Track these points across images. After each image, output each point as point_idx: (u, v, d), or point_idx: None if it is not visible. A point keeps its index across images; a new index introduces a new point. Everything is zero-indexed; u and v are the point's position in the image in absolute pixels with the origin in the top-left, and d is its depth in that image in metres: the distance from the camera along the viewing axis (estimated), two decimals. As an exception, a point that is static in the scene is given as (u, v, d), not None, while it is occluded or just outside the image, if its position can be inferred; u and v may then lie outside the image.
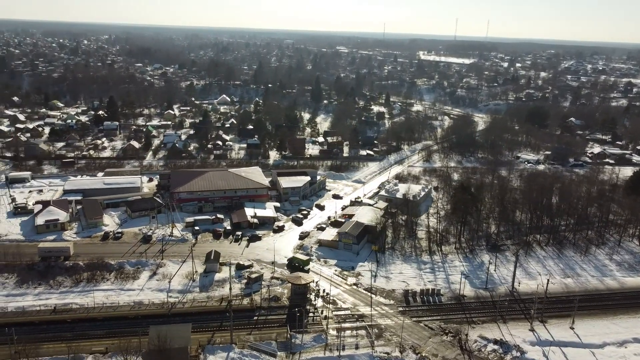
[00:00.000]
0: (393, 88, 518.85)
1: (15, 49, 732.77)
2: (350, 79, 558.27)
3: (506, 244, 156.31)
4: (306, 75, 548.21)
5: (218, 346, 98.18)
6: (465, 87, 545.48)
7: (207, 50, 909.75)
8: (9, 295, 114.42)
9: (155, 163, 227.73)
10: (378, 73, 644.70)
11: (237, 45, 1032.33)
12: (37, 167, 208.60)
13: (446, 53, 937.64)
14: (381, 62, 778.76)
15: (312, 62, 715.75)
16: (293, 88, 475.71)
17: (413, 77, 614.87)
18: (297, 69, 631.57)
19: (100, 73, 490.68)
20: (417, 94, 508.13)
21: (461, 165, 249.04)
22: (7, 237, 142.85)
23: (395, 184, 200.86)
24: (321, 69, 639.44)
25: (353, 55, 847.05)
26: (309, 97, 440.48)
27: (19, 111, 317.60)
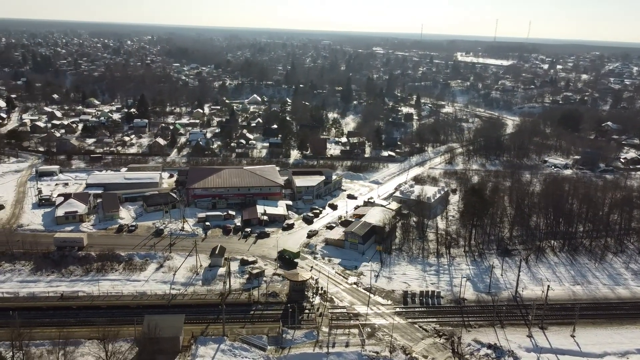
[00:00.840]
0: (426, 89, 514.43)
1: (62, 49, 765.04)
2: (382, 80, 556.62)
3: (517, 248, 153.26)
4: (338, 76, 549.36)
5: (210, 338, 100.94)
6: (500, 89, 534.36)
7: (245, 51, 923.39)
8: (23, 282, 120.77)
9: (178, 160, 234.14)
10: (412, 74, 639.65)
11: (273, 46, 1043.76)
12: (66, 162, 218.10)
13: (485, 54, 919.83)
14: (416, 63, 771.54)
15: (346, 62, 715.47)
16: (324, 88, 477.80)
17: (448, 78, 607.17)
18: (330, 69, 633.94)
19: (138, 72, 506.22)
20: (450, 95, 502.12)
21: (484, 168, 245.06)
22: (28, 226, 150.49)
23: (411, 185, 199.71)
24: (354, 70, 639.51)
25: (388, 57, 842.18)
26: (339, 97, 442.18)
27: (57, 108, 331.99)
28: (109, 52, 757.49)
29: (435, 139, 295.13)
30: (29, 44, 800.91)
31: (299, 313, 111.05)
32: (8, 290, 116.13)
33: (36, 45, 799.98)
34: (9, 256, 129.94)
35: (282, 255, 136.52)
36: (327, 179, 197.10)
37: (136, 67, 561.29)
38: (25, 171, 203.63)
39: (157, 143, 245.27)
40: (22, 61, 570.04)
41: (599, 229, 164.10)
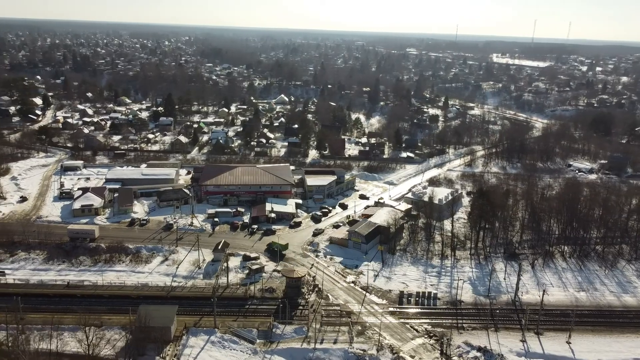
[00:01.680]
0: (456, 91, 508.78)
1: (102, 49, 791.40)
2: (413, 81, 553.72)
3: (525, 252, 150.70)
4: (368, 77, 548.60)
5: (201, 329, 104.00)
6: (533, 91, 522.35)
7: (278, 52, 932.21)
8: (35, 270, 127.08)
9: (197, 157, 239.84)
10: (443, 75, 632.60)
11: (307, 47, 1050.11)
12: (91, 157, 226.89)
13: (521, 56, 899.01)
14: (449, 64, 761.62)
15: (377, 63, 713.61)
16: (352, 89, 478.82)
17: (480, 80, 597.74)
18: (360, 70, 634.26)
19: (170, 72, 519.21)
20: (480, 97, 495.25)
21: (504, 171, 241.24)
22: (47, 218, 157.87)
23: (425, 187, 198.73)
24: (385, 71, 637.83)
25: (421, 58, 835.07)
26: (367, 98, 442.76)
27: (90, 106, 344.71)
28: (146, 52, 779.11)
29: (457, 140, 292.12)
30: (71, 45, 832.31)
31: (292, 309, 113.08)
32: (20, 277, 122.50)
33: (78, 45, 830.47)
34: (25, 245, 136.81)
35: (271, 247, 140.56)
36: (340, 178, 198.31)
37: (170, 67, 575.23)
38: (51, 166, 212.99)
39: (178, 141, 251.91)
40: (63, 61, 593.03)
41: (614, 235, 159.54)
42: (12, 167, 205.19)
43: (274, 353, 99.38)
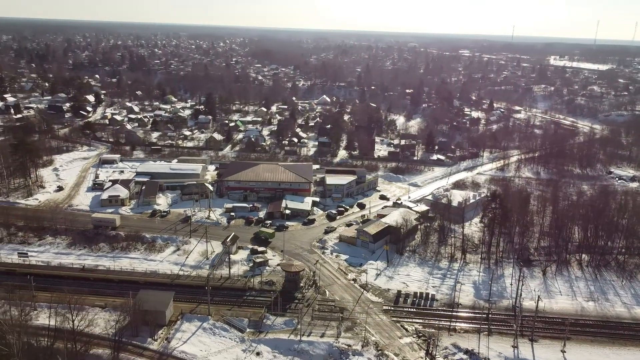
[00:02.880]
0: (505, 94, 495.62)
1: (159, 50, 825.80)
2: (460, 83, 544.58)
3: (539, 259, 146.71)
4: (413, 79, 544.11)
5: (196, 315, 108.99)
6: (587, 95, 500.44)
7: (329, 53, 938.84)
8: (58, 254, 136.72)
9: (229, 154, 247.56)
10: (493, 77, 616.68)
11: (358, 48, 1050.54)
12: (129, 152, 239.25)
13: (581, 58, 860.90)
14: (501, 66, 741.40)
15: (425, 65, 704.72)
16: (396, 90, 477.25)
17: (532, 82, 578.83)
18: (407, 72, 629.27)
19: (218, 72, 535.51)
20: (530, 100, 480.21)
21: (537, 176, 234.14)
22: (77, 207, 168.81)
23: (447, 189, 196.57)
24: (432, 73, 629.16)
25: (473, 59, 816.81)
26: (409, 100, 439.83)
27: (137, 103, 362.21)
28: (200, 53, 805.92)
29: (494, 144, 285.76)
30: (131, 45, 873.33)
31: (288, 302, 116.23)
32: (43, 260, 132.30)
33: (137, 46, 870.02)
34: (53, 231, 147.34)
35: (258, 235, 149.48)
36: (361, 178, 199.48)
37: (219, 68, 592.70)
38: (92, 159, 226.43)
39: (213, 138, 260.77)
40: (120, 61, 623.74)
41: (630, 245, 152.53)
42: (55, 159, 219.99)
43: (261, 342, 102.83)
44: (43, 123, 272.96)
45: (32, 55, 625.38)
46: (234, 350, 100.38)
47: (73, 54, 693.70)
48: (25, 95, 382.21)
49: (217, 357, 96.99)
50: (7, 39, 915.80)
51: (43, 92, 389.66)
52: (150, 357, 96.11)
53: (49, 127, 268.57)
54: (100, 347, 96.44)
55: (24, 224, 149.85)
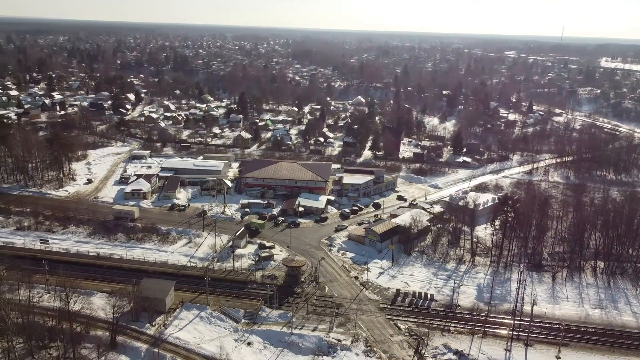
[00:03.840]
0: (547, 96, 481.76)
1: (204, 51, 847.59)
2: (502, 84, 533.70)
3: (551, 264, 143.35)
4: (452, 80, 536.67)
5: (195, 305, 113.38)
6: (636, 98, 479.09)
7: (371, 54, 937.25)
8: (78, 242, 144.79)
9: (255, 152, 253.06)
10: (537, 80, 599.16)
11: (401, 49, 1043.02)
12: (159, 148, 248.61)
13: (635, 60, 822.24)
14: (546, 68, 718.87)
15: (467, 66, 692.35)
16: (433, 92, 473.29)
17: (577, 85, 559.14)
18: (447, 73, 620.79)
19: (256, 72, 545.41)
20: (574, 103, 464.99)
21: (566, 180, 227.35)
22: (102, 199, 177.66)
23: (466, 191, 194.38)
24: (473, 74, 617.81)
25: (518, 61, 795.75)
26: (445, 101, 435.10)
27: (174, 102, 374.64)
28: (242, 53, 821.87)
29: (525, 147, 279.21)
30: (177, 46, 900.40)
31: (288, 296, 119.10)
32: (63, 247, 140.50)
33: (183, 47, 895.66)
34: (76, 221, 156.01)
35: (249, 226, 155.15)
36: (378, 179, 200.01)
37: (257, 68, 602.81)
38: (123, 154, 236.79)
39: (240, 136, 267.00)
40: (165, 61, 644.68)
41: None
42: (90, 153, 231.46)
43: (253, 333, 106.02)
44: (83, 120, 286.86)
45: (84, 56, 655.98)
46: (227, 339, 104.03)
47: (122, 54, 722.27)
48: (72, 93, 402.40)
49: (209, 345, 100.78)
50: (63, 40, 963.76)
51: (88, 90, 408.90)
52: (146, 341, 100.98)
53: (87, 123, 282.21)
54: (100, 330, 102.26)
55: (51, 213, 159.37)
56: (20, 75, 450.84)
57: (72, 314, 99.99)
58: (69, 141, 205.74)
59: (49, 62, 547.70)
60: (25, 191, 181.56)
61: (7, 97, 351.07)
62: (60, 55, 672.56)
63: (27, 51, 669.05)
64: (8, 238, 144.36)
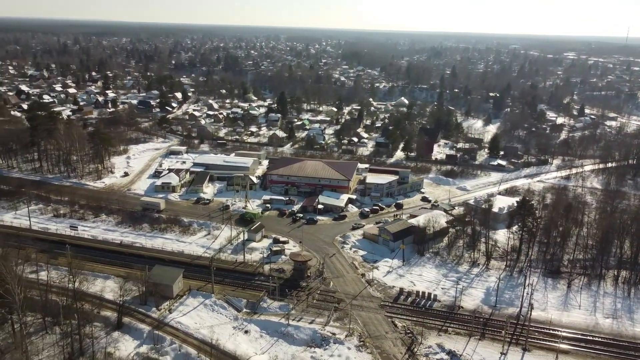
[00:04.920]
0: (604, 99, 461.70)
1: (255, 52, 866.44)
2: (556, 86, 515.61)
3: (569, 271, 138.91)
4: (501, 81, 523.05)
5: (201, 292, 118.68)
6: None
7: (422, 55, 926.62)
8: (106, 230, 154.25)
9: (288, 150, 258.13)
10: (594, 82, 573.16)
11: (454, 50, 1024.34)
12: (196, 145, 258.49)
13: None
14: (607, 70, 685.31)
15: (520, 68, 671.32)
16: (480, 93, 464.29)
17: (638, 88, 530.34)
18: (499, 74, 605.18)
19: (302, 73, 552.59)
20: (633, 107, 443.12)
21: (605, 187, 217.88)
22: (134, 191, 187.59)
23: (492, 195, 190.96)
24: (527, 76, 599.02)
25: (577, 62, 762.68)
26: (492, 103, 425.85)
27: (218, 101, 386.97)
28: (292, 54, 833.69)
29: (567, 152, 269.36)
30: (230, 47, 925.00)
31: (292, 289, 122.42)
32: (92, 234, 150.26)
33: (236, 48, 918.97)
34: (107, 210, 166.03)
35: (244, 217, 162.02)
36: (403, 179, 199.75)
37: (304, 68, 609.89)
38: (162, 150, 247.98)
39: (275, 135, 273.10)
40: (216, 61, 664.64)
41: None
42: (131, 148, 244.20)
43: (252, 322, 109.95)
44: (129, 117, 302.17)
45: (141, 56, 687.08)
46: (226, 326, 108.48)
47: (177, 55, 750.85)
48: (125, 91, 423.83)
49: (207, 330, 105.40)
50: (125, 41, 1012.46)
51: (139, 89, 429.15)
52: (150, 323, 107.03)
53: (133, 120, 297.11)
54: (110, 310, 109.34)
55: (85, 202, 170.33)
56: (80, 74, 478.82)
57: (85, 294, 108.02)
58: (109, 136, 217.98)
59: (108, 62, 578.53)
60: (67, 182, 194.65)
61: (65, 95, 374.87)
62: (119, 56, 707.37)
63: (91, 52, 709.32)
64: (44, 224, 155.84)
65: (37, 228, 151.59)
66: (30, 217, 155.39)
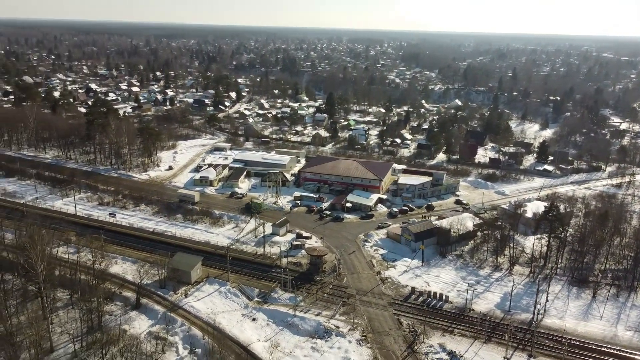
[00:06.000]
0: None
1: (315, 53, 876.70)
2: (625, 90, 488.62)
3: (598, 281, 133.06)
4: (564, 85, 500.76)
5: (217, 280, 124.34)
6: None
7: (486, 57, 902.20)
8: (143, 219, 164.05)
9: (328, 150, 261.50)
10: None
11: (520, 52, 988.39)
12: (241, 142, 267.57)
13: None
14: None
15: (588, 70, 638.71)
16: (540, 97, 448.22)
17: None
18: (564, 77, 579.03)
19: (357, 74, 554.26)
20: None
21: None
22: (175, 184, 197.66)
23: (529, 199, 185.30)
24: (596, 79, 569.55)
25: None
26: (552, 107, 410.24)
27: (270, 101, 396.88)
28: (351, 56, 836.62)
29: (622, 159, 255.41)
30: (291, 49, 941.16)
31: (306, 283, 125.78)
32: (129, 222, 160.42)
33: (296, 49, 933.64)
34: (147, 201, 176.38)
35: (250, 206, 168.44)
36: (437, 181, 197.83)
37: (360, 70, 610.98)
38: (208, 146, 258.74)
39: (318, 134, 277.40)
40: (275, 63, 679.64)
41: None
42: (179, 144, 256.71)
43: (260, 311, 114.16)
44: (181, 114, 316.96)
45: (204, 57, 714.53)
46: (235, 313, 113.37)
47: (238, 56, 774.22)
48: (184, 90, 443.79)
49: (217, 316, 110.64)
50: (192, 42, 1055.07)
51: (198, 88, 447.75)
52: (165, 306, 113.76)
53: (185, 117, 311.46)
54: (130, 291, 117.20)
55: (128, 192, 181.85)
56: (145, 74, 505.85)
57: (110, 275, 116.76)
58: (157, 132, 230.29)
59: (172, 63, 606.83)
60: (115, 173, 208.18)
61: (129, 93, 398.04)
62: (184, 57, 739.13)
63: (159, 53, 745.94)
64: (89, 210, 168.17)
65: (81, 214, 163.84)
66: (76, 204, 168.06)
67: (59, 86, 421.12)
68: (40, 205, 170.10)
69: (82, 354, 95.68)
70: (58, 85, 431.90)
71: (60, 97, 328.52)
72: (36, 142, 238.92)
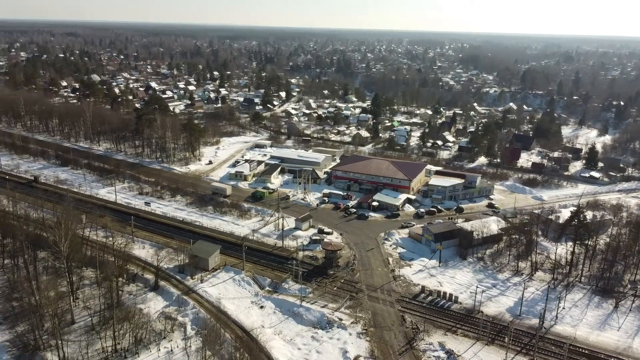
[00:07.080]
0: None
1: (372, 54, 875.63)
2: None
3: (623, 291, 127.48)
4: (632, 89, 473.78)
5: (233, 268, 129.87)
6: None
7: (552, 59, 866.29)
8: (177, 209, 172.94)
9: (367, 150, 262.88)
10: None
11: (590, 55, 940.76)
12: (282, 140, 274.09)
13: None
14: None
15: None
16: (600, 101, 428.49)
17: None
18: (633, 81, 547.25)
19: (411, 76, 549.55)
20: None
21: None
22: (212, 177, 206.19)
23: (564, 206, 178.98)
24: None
25: None
26: (614, 112, 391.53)
27: (319, 101, 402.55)
28: (408, 57, 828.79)
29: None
30: (350, 50, 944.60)
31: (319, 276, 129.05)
32: (163, 211, 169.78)
33: (353, 51, 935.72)
34: (183, 192, 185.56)
35: (255, 194, 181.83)
36: (470, 183, 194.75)
37: (413, 71, 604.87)
38: (250, 143, 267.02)
39: (358, 134, 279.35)
40: (330, 64, 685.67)
41: None
42: (223, 140, 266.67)
43: (269, 299, 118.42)
44: (229, 112, 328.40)
45: (262, 58, 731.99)
46: (245, 300, 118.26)
47: (295, 57, 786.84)
48: (237, 89, 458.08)
49: (227, 302, 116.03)
50: (254, 44, 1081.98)
51: (250, 88, 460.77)
52: (181, 289, 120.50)
53: (233, 115, 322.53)
54: (151, 274, 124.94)
55: (166, 184, 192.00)
56: (202, 73, 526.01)
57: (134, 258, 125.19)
58: (199, 128, 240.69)
59: (230, 63, 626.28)
60: (158, 165, 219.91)
61: (185, 91, 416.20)
62: (243, 57, 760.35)
63: (219, 53, 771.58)
64: (129, 199, 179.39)
65: (121, 202, 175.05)
66: (116, 192, 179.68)
67: (122, 84, 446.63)
68: (86, 192, 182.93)
69: (97, 327, 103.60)
70: (122, 83, 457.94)
71: (120, 94, 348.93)
72: (92, 135, 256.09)
